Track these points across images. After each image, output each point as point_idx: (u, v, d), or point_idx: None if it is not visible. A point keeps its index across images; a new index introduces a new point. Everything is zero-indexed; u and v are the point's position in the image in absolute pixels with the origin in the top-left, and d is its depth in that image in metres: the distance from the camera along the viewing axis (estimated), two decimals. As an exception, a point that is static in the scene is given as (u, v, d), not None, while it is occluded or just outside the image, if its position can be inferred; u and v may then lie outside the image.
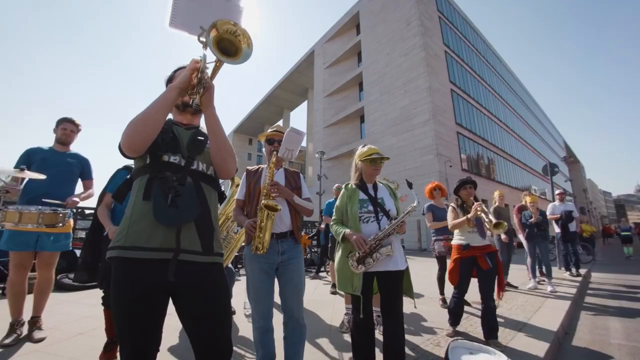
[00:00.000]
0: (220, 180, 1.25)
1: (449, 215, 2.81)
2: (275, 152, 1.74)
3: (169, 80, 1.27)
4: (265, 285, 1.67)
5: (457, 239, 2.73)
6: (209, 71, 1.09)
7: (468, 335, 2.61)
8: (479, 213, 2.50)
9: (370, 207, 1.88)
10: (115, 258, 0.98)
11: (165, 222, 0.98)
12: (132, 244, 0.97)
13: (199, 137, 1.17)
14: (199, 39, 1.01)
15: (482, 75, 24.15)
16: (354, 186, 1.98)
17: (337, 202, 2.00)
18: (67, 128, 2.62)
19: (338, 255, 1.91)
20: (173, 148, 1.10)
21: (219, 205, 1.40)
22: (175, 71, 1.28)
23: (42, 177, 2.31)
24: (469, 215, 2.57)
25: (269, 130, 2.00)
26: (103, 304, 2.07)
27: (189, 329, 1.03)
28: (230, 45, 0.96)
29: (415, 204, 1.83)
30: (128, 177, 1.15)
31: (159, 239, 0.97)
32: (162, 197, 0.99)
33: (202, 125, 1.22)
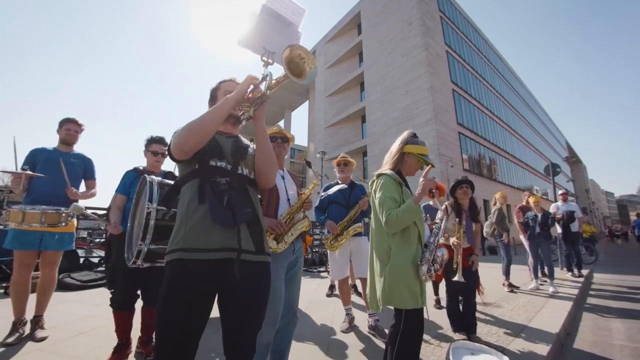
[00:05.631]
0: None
1: (439, 214, 2.79)
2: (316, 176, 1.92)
3: (214, 90, 1.35)
4: (282, 284, 1.70)
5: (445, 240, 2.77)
6: (262, 87, 1.16)
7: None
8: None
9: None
10: (174, 261, 1.00)
11: (224, 223, 1.03)
12: (191, 245, 1.00)
13: (242, 145, 1.26)
14: (261, 58, 1.16)
15: (483, 75, 24.10)
16: (398, 177, 1.66)
17: (388, 193, 1.58)
18: (70, 129, 2.64)
19: (395, 262, 1.51)
20: (218, 154, 1.16)
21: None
22: (220, 83, 1.35)
23: (43, 176, 2.36)
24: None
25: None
26: (111, 305, 2.05)
27: (224, 322, 1.07)
28: (296, 68, 1.07)
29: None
30: (171, 182, 1.28)
31: (217, 240, 1.02)
32: (217, 199, 1.05)
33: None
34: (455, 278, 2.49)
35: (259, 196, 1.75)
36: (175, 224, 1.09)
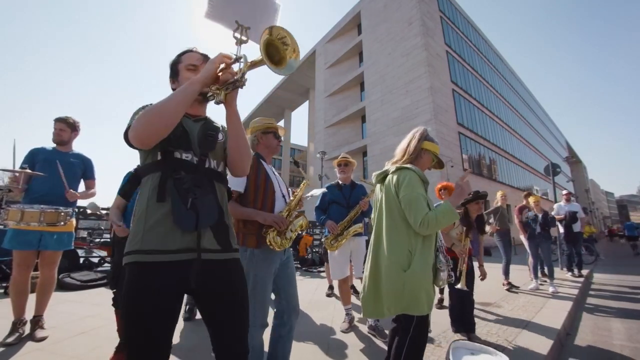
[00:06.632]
0: None
1: None
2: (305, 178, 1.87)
3: (175, 64, 1.17)
4: (270, 286, 1.67)
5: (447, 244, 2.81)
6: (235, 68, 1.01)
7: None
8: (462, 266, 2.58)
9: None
10: (132, 264, 0.93)
11: (186, 227, 0.95)
12: (150, 247, 0.93)
13: (210, 132, 1.12)
14: (233, 35, 0.98)
15: (483, 75, 24.08)
16: (423, 175, 1.53)
17: (420, 190, 1.46)
18: (56, 128, 2.59)
19: (417, 267, 1.39)
20: (185, 144, 1.04)
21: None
22: (180, 55, 1.18)
23: (42, 175, 2.35)
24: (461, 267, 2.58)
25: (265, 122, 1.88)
26: (114, 305, 2.05)
27: (208, 327, 1.03)
28: (276, 52, 0.92)
29: None
30: (133, 173, 1.14)
31: (178, 241, 0.95)
32: (181, 200, 0.96)
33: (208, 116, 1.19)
34: (459, 286, 2.50)
35: (242, 191, 1.63)
36: (134, 221, 1.00)
